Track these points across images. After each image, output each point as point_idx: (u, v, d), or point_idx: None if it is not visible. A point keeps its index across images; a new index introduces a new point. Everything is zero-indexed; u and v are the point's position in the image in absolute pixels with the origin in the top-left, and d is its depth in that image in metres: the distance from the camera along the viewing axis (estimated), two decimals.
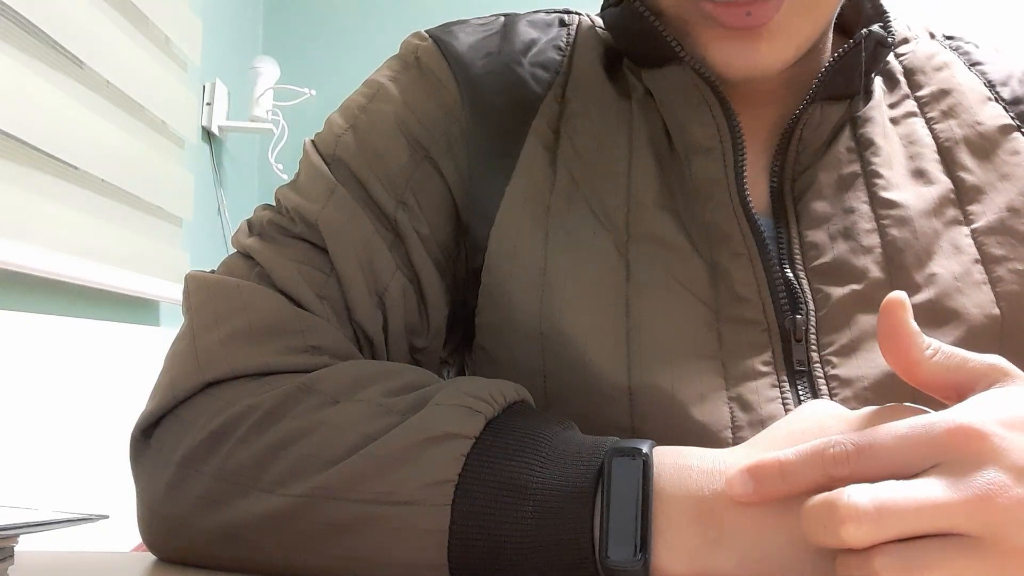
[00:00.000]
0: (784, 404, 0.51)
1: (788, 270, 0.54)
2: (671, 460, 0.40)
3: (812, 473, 0.36)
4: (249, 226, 0.57)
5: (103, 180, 1.49)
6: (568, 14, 0.65)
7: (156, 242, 1.71)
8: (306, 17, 2.51)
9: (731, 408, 0.51)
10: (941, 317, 0.52)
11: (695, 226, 0.55)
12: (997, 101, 0.60)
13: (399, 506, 0.40)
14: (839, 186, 0.57)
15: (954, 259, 0.54)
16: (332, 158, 0.57)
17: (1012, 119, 0.59)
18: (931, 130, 0.59)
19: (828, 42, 0.60)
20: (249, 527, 0.43)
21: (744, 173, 0.55)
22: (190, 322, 0.52)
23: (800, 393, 0.51)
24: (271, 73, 2.25)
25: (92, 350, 1.43)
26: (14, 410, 1.21)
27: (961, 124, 0.59)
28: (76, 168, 1.41)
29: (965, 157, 0.58)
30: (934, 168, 0.57)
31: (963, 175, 0.57)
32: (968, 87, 0.61)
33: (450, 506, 0.40)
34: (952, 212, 0.56)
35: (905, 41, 0.64)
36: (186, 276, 0.54)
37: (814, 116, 0.56)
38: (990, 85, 0.61)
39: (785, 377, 0.52)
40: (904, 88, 0.61)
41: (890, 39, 0.58)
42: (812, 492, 0.35)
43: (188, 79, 1.94)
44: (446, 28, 0.62)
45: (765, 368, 0.52)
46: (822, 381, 0.52)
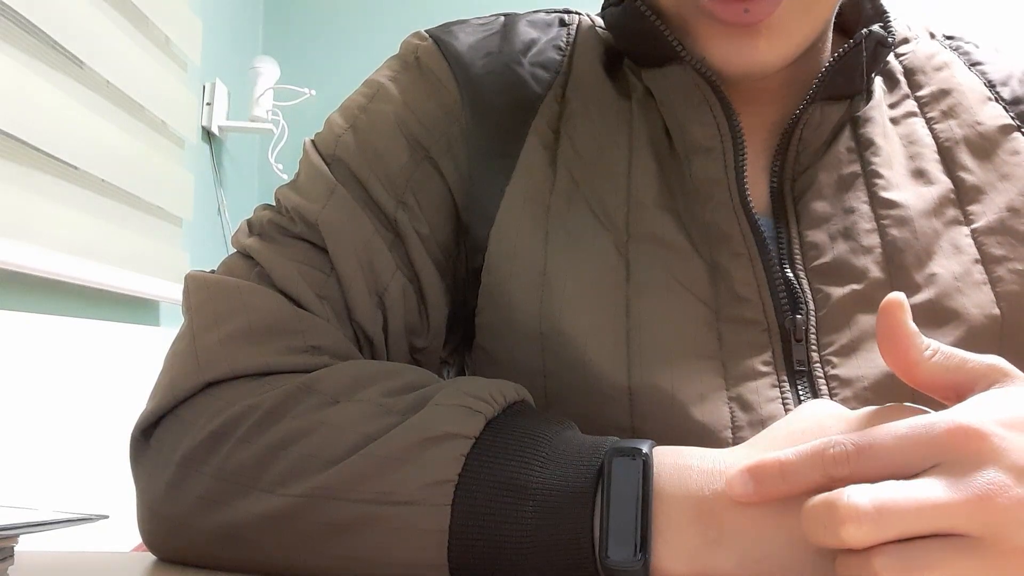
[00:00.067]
0: (784, 404, 0.51)
1: (788, 270, 0.54)
2: (671, 460, 0.40)
3: (812, 473, 0.36)
4: (249, 226, 0.57)
5: (103, 180, 1.49)
6: (568, 14, 0.65)
7: (156, 242, 1.71)
8: (306, 17, 2.51)
9: (731, 408, 0.51)
10: (941, 317, 0.52)
11: (695, 226, 0.55)
12: (997, 101, 0.60)
13: (399, 506, 0.40)
14: (839, 186, 0.56)
15: (954, 259, 0.54)
16: (332, 158, 0.57)
17: (1012, 119, 0.59)
18: (931, 130, 0.59)
19: (828, 42, 0.60)
20: (249, 527, 0.43)
21: (744, 173, 0.55)
22: (190, 322, 0.52)
23: (800, 393, 0.51)
24: (271, 73, 2.25)
25: (92, 350, 1.43)
26: (14, 410, 1.21)
27: (961, 124, 0.59)
28: (76, 168, 1.41)
29: (965, 157, 0.58)
30: (934, 168, 0.57)
31: (963, 175, 0.57)
32: (968, 87, 0.61)
33: (450, 506, 0.40)
34: (952, 212, 0.56)
35: (905, 41, 0.64)
36: (186, 276, 0.54)
37: (814, 116, 0.56)
38: (990, 85, 0.61)
39: (785, 377, 0.52)
40: (904, 88, 0.61)
41: (890, 39, 0.58)
42: (812, 492, 0.35)
43: (188, 79, 1.94)
44: (446, 28, 0.62)
45: (765, 368, 0.52)
46: (822, 381, 0.52)
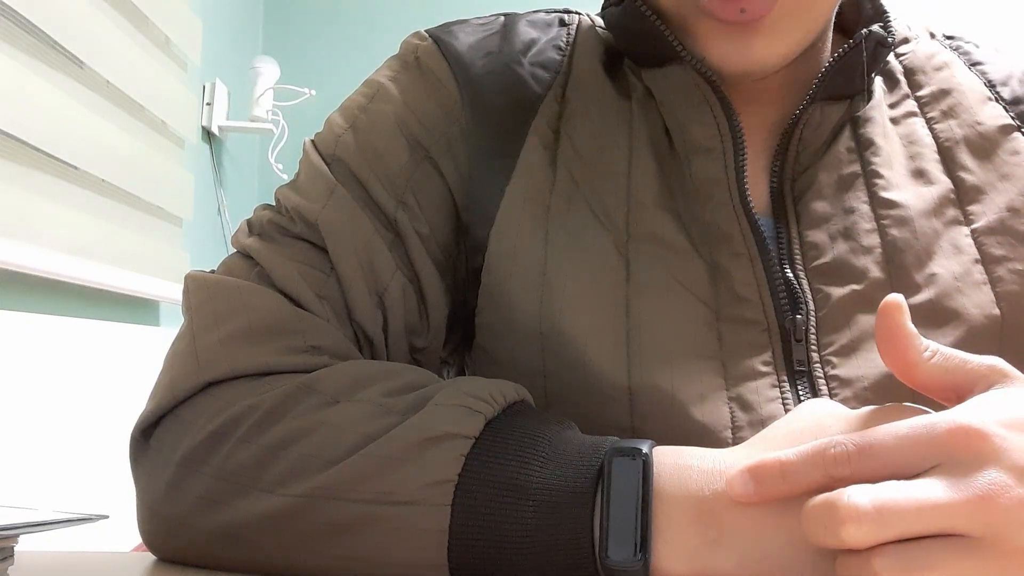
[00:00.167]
0: (784, 404, 0.51)
1: (788, 270, 0.54)
2: (671, 460, 0.40)
3: (813, 473, 0.36)
4: (249, 226, 0.57)
5: (103, 180, 1.49)
6: (568, 14, 0.65)
7: (156, 242, 1.71)
8: (306, 17, 2.51)
9: (731, 408, 0.51)
10: (941, 317, 0.52)
11: (695, 226, 0.55)
12: (997, 101, 0.60)
13: (399, 506, 0.40)
14: (839, 186, 0.56)
15: (954, 259, 0.54)
16: (332, 158, 0.57)
17: (1012, 119, 0.59)
18: (931, 130, 0.59)
19: (828, 42, 0.60)
20: (249, 527, 0.43)
21: (745, 173, 0.55)
22: (190, 322, 0.52)
23: (800, 393, 0.51)
24: (271, 73, 2.25)
25: (92, 350, 1.43)
26: (14, 410, 1.21)
27: (961, 124, 0.59)
28: (76, 168, 1.41)
29: (965, 157, 0.58)
30: (934, 168, 0.57)
31: (963, 175, 0.57)
32: (968, 87, 0.60)
33: (450, 506, 0.40)
34: (952, 212, 0.56)
35: (905, 41, 0.64)
36: (186, 276, 0.54)
37: (814, 116, 0.56)
38: (990, 85, 0.61)
39: (785, 377, 0.52)
40: (904, 88, 0.61)
41: (890, 39, 0.58)
42: (813, 492, 0.35)
43: (188, 79, 1.94)
44: (446, 28, 0.62)
45: (765, 368, 0.52)
46: (822, 381, 0.52)
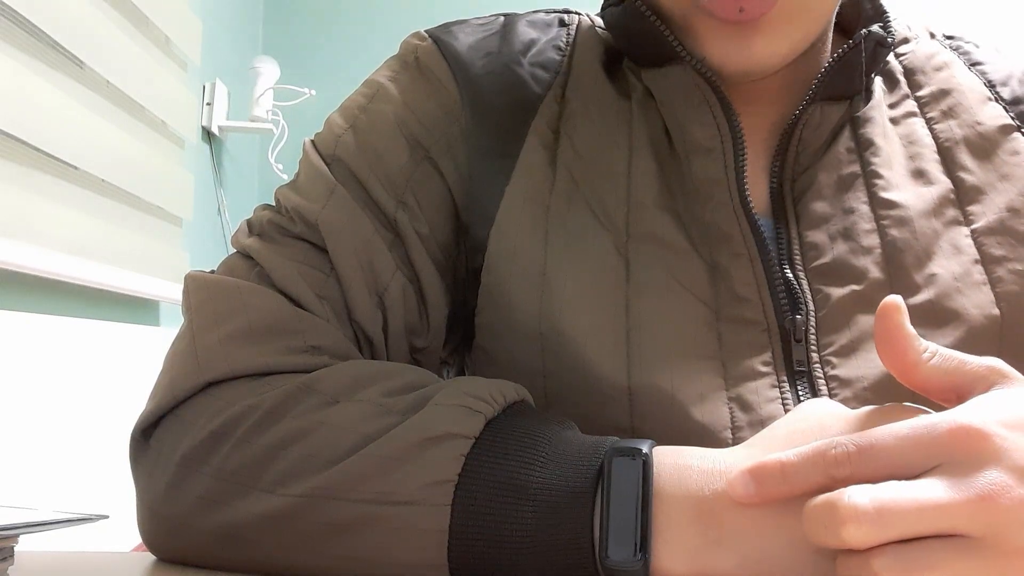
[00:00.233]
0: (784, 404, 0.51)
1: (788, 270, 0.54)
2: (671, 460, 0.40)
3: (814, 474, 0.36)
4: (249, 226, 0.57)
5: (103, 180, 1.49)
6: (568, 14, 0.65)
7: (156, 242, 1.71)
8: (306, 17, 2.51)
9: (731, 408, 0.51)
10: (941, 317, 0.52)
11: (695, 226, 0.55)
12: (997, 101, 0.60)
13: (399, 506, 0.40)
14: (839, 186, 0.56)
15: (954, 259, 0.54)
16: (332, 158, 0.57)
17: (1012, 119, 0.59)
18: (931, 130, 0.59)
19: (828, 42, 0.60)
20: (249, 527, 0.43)
21: (745, 173, 0.55)
22: (190, 322, 0.52)
23: (800, 393, 0.51)
24: (271, 73, 2.25)
25: (92, 350, 1.43)
26: (14, 410, 1.21)
27: (961, 124, 0.59)
28: (76, 168, 1.41)
29: (965, 157, 0.58)
30: (934, 168, 0.57)
31: (963, 175, 0.57)
32: (968, 87, 0.60)
33: (450, 506, 0.40)
34: (952, 212, 0.56)
35: (905, 41, 0.64)
36: (186, 276, 0.54)
37: (814, 116, 0.56)
38: (990, 85, 0.61)
39: (785, 377, 0.52)
40: (904, 88, 0.61)
41: (890, 39, 0.58)
42: (814, 493, 0.35)
43: (188, 79, 1.94)
44: (446, 28, 0.62)
45: (765, 368, 0.52)
46: (822, 381, 0.52)
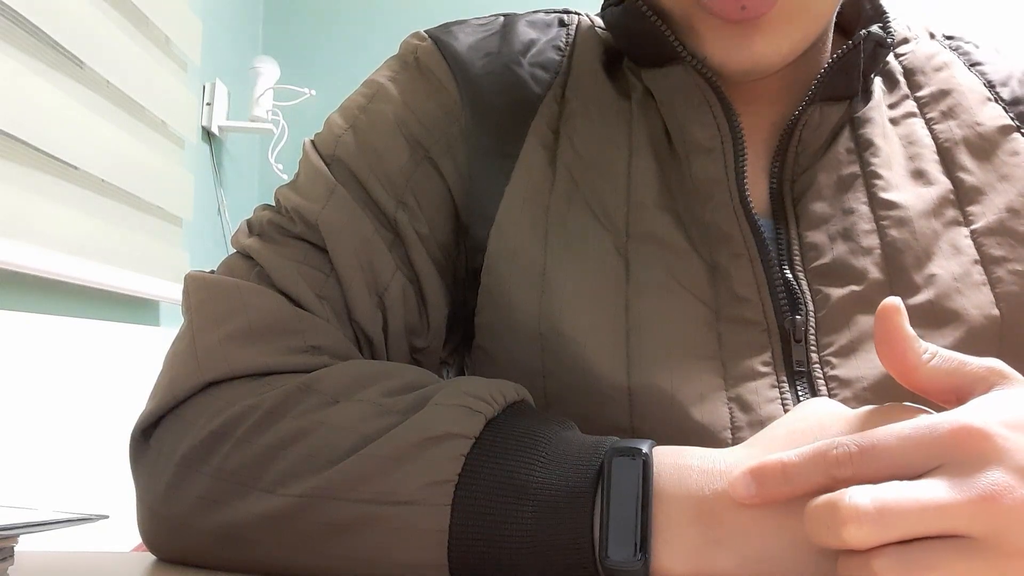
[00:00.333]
0: (783, 404, 0.51)
1: (788, 271, 0.54)
2: (671, 460, 0.40)
3: (815, 474, 0.36)
4: (249, 226, 0.57)
5: (103, 180, 1.49)
6: (567, 14, 0.65)
7: (156, 242, 1.71)
8: (306, 17, 2.51)
9: (730, 408, 0.51)
10: (940, 318, 0.52)
11: (695, 226, 0.55)
12: (997, 102, 0.60)
13: (399, 506, 0.40)
14: (838, 187, 0.56)
15: (953, 260, 0.54)
16: (332, 158, 0.57)
17: (1012, 120, 0.59)
18: (931, 130, 0.59)
19: (828, 42, 0.60)
20: (249, 527, 0.43)
21: (745, 173, 0.55)
22: (190, 322, 0.52)
23: (799, 393, 0.51)
24: (271, 73, 2.25)
25: (92, 350, 1.43)
26: (14, 410, 1.21)
27: (961, 125, 0.59)
28: (76, 168, 1.41)
29: (965, 158, 0.58)
30: (934, 169, 0.57)
31: (962, 176, 0.57)
32: (968, 87, 0.60)
33: (450, 506, 0.40)
34: (951, 213, 0.56)
35: (905, 41, 0.64)
36: (186, 276, 0.54)
37: (813, 117, 0.56)
38: (990, 85, 0.61)
39: (784, 378, 0.52)
40: (904, 88, 0.61)
41: (889, 39, 0.58)
42: (815, 493, 0.35)
43: (188, 79, 1.94)
44: (445, 28, 0.62)
45: (765, 368, 0.52)
46: (821, 382, 0.52)
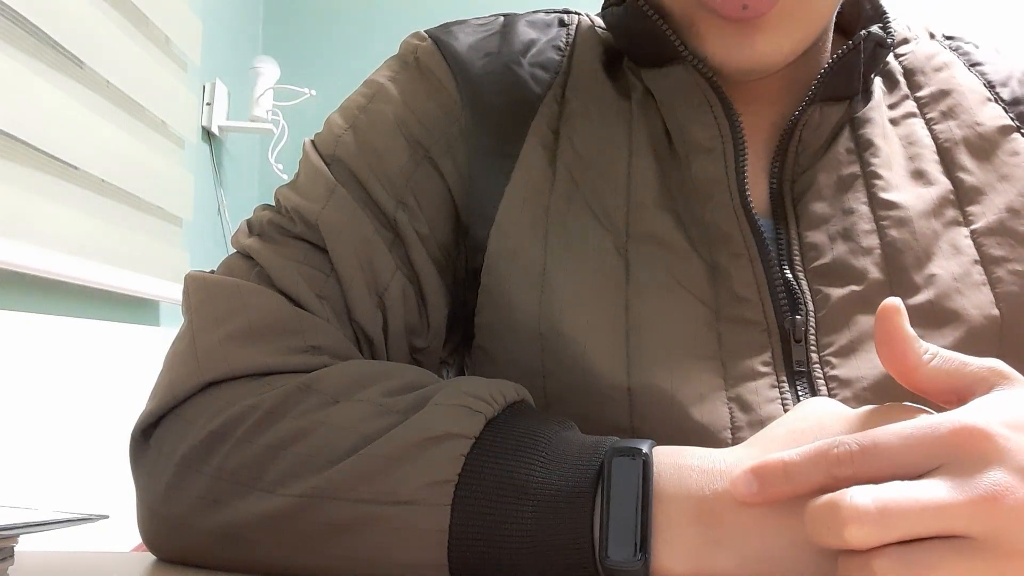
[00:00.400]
0: (783, 404, 0.51)
1: (788, 271, 0.54)
2: (671, 460, 0.40)
3: (816, 473, 0.36)
4: (249, 226, 0.57)
5: (103, 180, 1.49)
6: (568, 14, 0.65)
7: (156, 242, 1.71)
8: (306, 17, 2.51)
9: (730, 408, 0.51)
10: (940, 318, 0.52)
11: (695, 226, 0.55)
12: (997, 102, 0.60)
13: (399, 506, 0.40)
14: (838, 187, 0.56)
15: (953, 260, 0.54)
16: (332, 158, 0.57)
17: (1012, 120, 0.59)
18: (931, 131, 0.59)
19: (828, 42, 0.60)
20: (249, 527, 0.43)
21: (745, 173, 0.55)
22: (190, 322, 0.52)
23: (799, 393, 0.51)
24: (271, 73, 2.25)
25: (92, 350, 1.42)
26: (14, 410, 1.20)
27: (961, 125, 0.59)
28: (76, 168, 1.40)
29: (964, 158, 0.58)
30: (933, 169, 0.57)
31: (962, 176, 0.57)
32: (968, 88, 0.60)
33: (450, 506, 0.40)
34: (951, 213, 0.56)
35: (905, 41, 0.64)
36: (186, 276, 0.54)
37: (813, 117, 0.56)
38: (990, 86, 0.61)
39: (784, 378, 0.52)
40: (904, 89, 0.61)
41: (889, 40, 0.58)
42: (816, 492, 0.35)
43: (188, 79, 1.94)
44: (445, 28, 0.62)
45: (765, 368, 0.52)
46: (821, 382, 0.52)
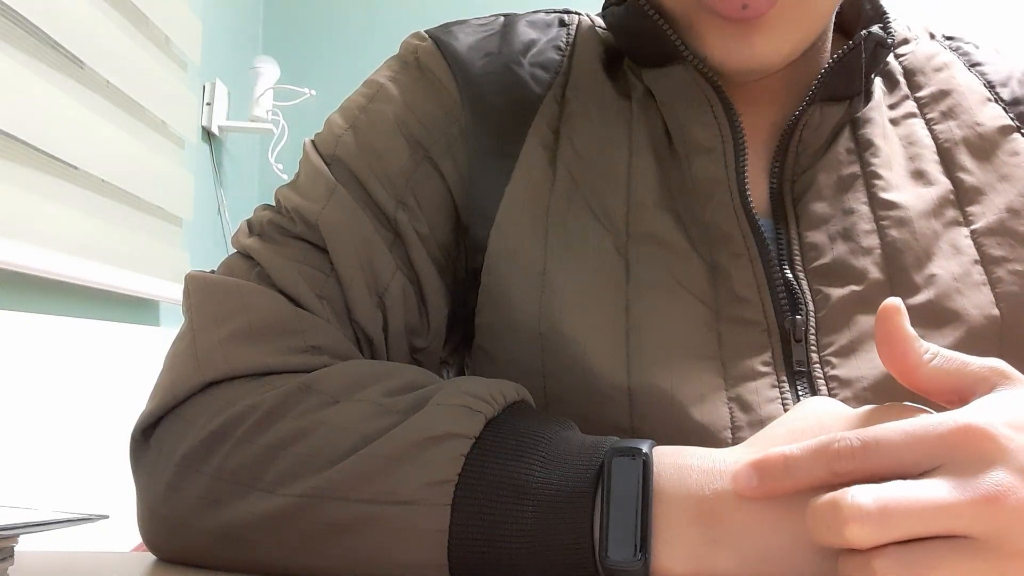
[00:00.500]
0: (783, 404, 0.51)
1: (788, 271, 0.54)
2: (671, 460, 0.40)
3: (817, 468, 0.36)
4: (249, 226, 0.57)
5: (103, 180, 1.49)
6: (568, 14, 0.65)
7: (156, 242, 1.71)
8: (306, 17, 2.51)
9: (730, 408, 0.51)
10: (941, 318, 0.52)
11: (695, 226, 0.55)
12: (997, 102, 0.60)
13: (399, 506, 0.40)
14: (839, 187, 0.56)
15: (953, 260, 0.54)
16: (332, 158, 0.57)
17: (1012, 120, 0.59)
18: (931, 131, 0.59)
19: (828, 43, 0.60)
20: (249, 527, 0.43)
21: (745, 173, 0.55)
22: (190, 322, 0.52)
23: (800, 393, 0.51)
24: (271, 73, 2.25)
25: (92, 350, 1.42)
26: (14, 410, 1.20)
27: (961, 125, 0.59)
28: (76, 168, 1.40)
29: (965, 158, 0.58)
30: (934, 169, 0.57)
31: (963, 176, 0.57)
32: (968, 88, 0.60)
33: (450, 506, 0.40)
34: (952, 213, 0.56)
35: (905, 42, 0.64)
36: (186, 276, 0.54)
37: (814, 117, 0.56)
38: (990, 86, 0.61)
39: (785, 377, 0.52)
40: (904, 89, 0.61)
41: (889, 40, 0.58)
42: (816, 488, 0.35)
43: (188, 79, 1.94)
44: (446, 28, 0.62)
45: (765, 368, 0.52)
46: (821, 382, 0.52)
